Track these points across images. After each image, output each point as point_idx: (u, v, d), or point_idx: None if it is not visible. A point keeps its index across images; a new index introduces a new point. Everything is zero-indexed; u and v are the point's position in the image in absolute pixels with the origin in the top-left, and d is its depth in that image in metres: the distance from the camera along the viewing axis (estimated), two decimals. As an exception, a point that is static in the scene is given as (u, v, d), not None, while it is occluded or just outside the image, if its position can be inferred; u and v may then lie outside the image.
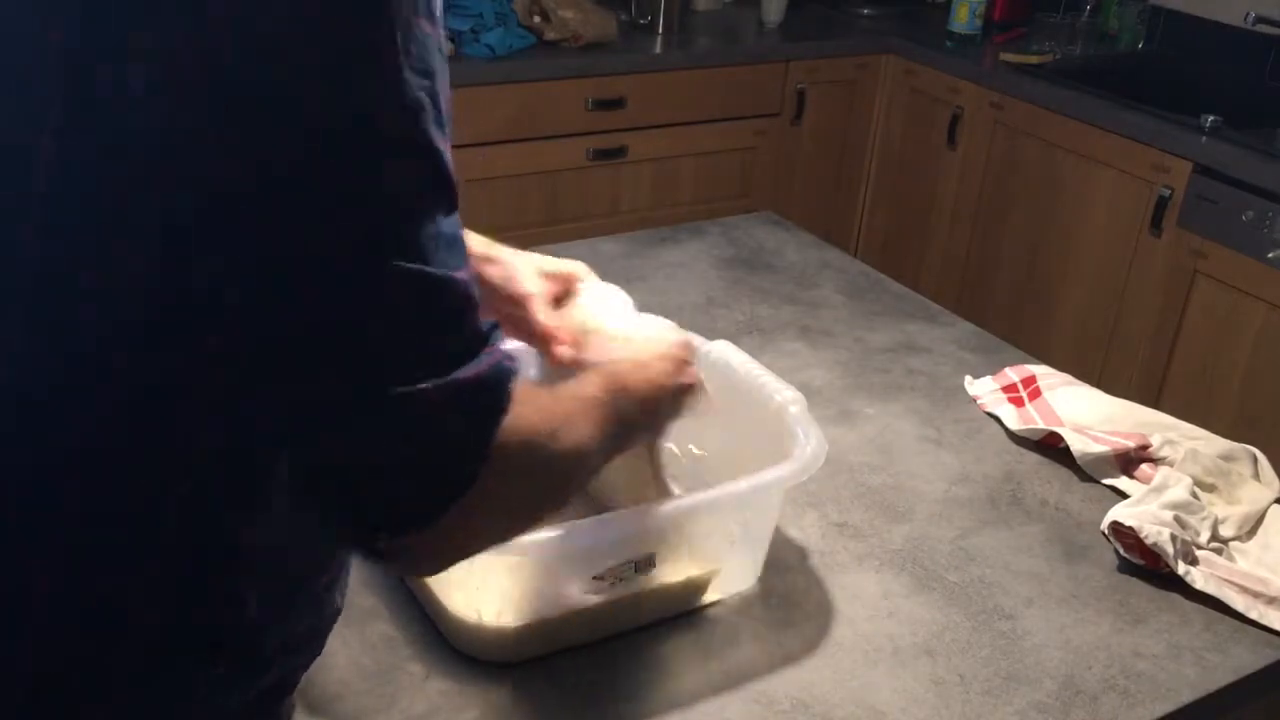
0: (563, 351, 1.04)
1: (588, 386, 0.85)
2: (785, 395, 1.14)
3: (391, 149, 0.60)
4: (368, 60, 0.58)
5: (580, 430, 0.79)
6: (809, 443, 1.07)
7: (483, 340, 0.67)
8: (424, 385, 0.62)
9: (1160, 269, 2.51)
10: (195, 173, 0.57)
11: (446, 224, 0.64)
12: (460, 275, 0.64)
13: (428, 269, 0.62)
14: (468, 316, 0.66)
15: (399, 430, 0.63)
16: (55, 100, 0.57)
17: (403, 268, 0.61)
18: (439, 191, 0.64)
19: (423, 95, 0.61)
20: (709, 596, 1.09)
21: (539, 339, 1.06)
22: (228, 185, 0.58)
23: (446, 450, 0.65)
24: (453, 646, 1.01)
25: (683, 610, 1.07)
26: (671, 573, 1.04)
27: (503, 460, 0.68)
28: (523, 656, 1.00)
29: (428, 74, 0.61)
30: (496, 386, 0.67)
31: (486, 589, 0.98)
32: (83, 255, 0.59)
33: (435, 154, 0.63)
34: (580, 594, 1.00)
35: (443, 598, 1.01)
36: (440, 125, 0.63)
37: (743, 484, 1.03)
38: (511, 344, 0.95)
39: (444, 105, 0.64)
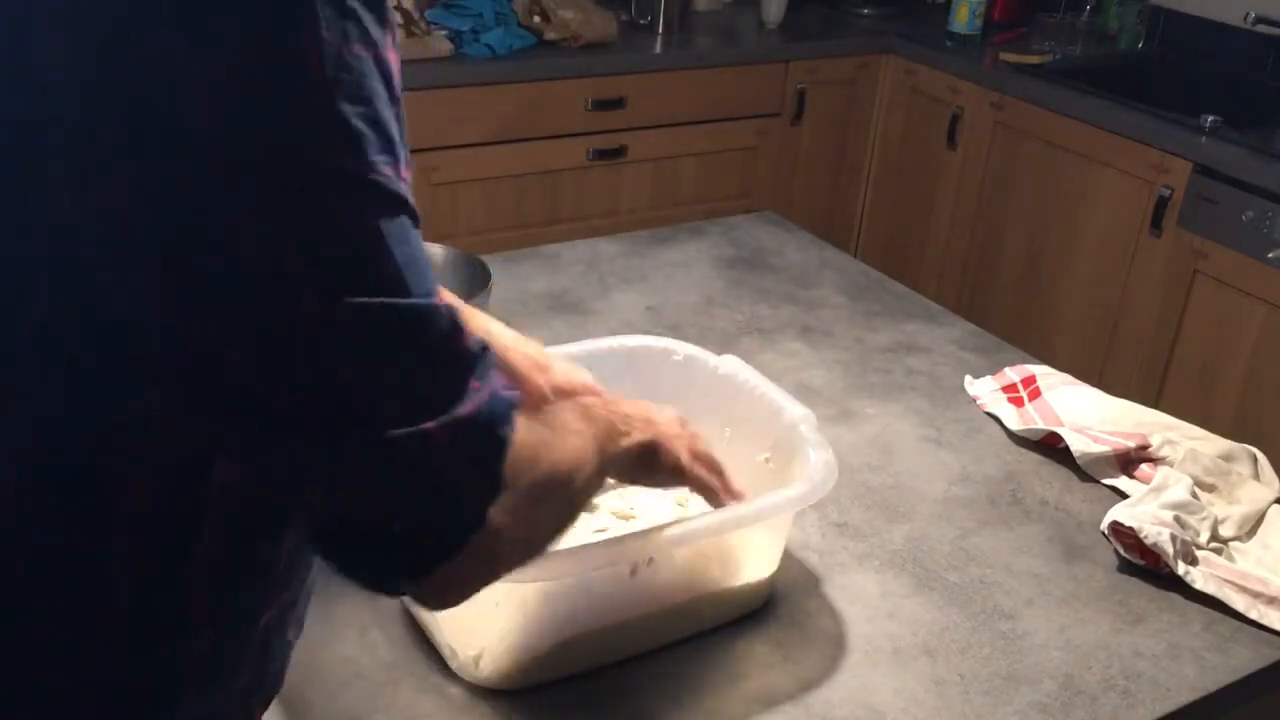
0: None
1: (586, 426, 0.83)
2: (796, 413, 1.12)
3: (332, 184, 0.57)
4: (295, 101, 0.55)
5: (582, 460, 0.77)
6: (819, 464, 1.05)
7: (472, 364, 0.64)
8: (425, 425, 0.60)
9: (1160, 269, 2.51)
10: (115, 218, 0.55)
11: (406, 249, 0.60)
12: (435, 300, 0.61)
13: (396, 301, 0.59)
14: (452, 343, 0.63)
15: (404, 475, 0.61)
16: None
17: (367, 304, 0.58)
18: (392, 217, 0.60)
19: (360, 123, 0.57)
20: (715, 622, 1.07)
21: None
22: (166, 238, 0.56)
23: (457, 488, 0.63)
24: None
25: (686, 635, 1.05)
26: (673, 595, 1.03)
27: (511, 487, 0.66)
28: (521, 685, 0.99)
29: (365, 100, 0.58)
30: (498, 418, 0.65)
31: (467, 629, 0.97)
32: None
33: (381, 181, 0.59)
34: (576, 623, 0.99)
35: (439, 636, 1.00)
36: (387, 151, 0.59)
37: (747, 507, 1.00)
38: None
39: (390, 127, 0.60)
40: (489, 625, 0.96)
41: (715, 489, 0.99)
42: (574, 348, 1.22)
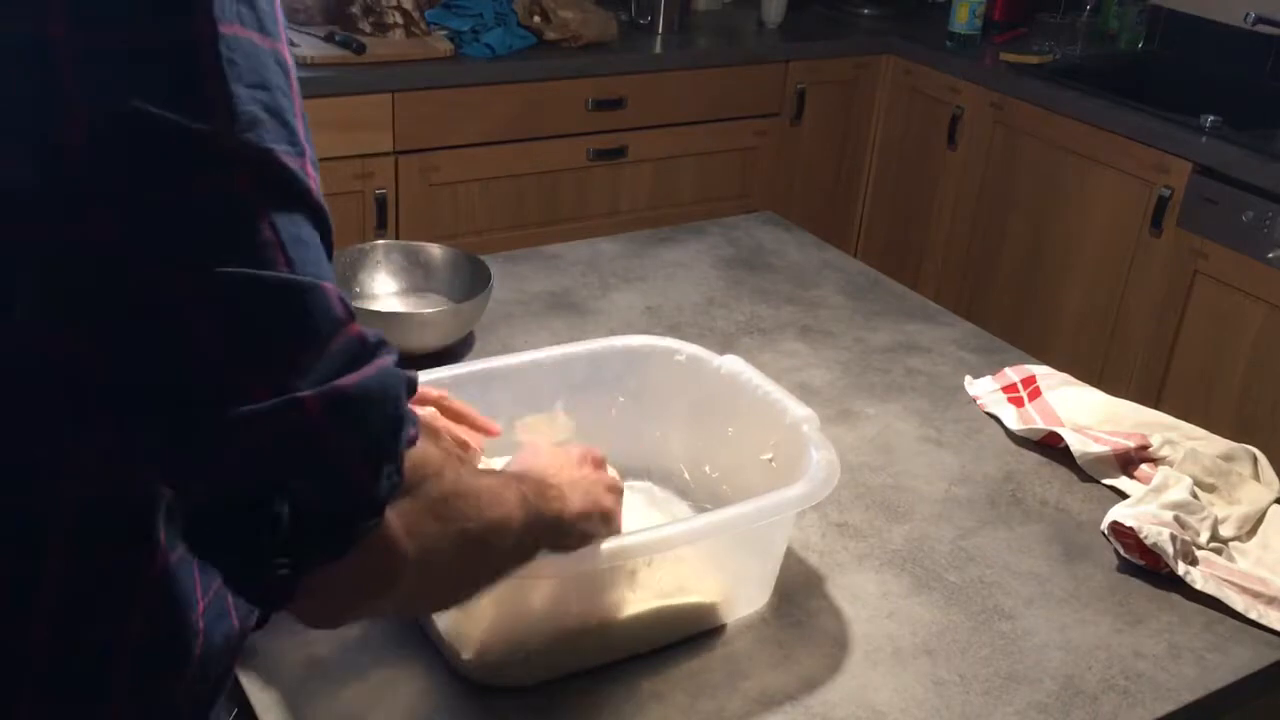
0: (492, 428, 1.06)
1: (508, 477, 0.82)
2: (799, 413, 1.12)
3: (212, 158, 0.57)
4: (184, 75, 0.56)
5: (502, 504, 0.75)
6: (822, 463, 1.05)
7: (367, 348, 0.62)
8: (300, 394, 0.58)
9: (1160, 269, 2.51)
10: None
11: (298, 232, 0.60)
12: (322, 283, 0.60)
13: (268, 274, 0.58)
14: (334, 321, 0.61)
15: (280, 444, 0.58)
16: None
17: (236, 274, 0.57)
18: (279, 198, 0.59)
19: (254, 107, 0.57)
20: (718, 620, 1.07)
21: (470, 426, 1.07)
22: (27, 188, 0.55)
23: (340, 465, 0.60)
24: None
25: (689, 634, 1.05)
26: (673, 596, 1.03)
27: (412, 493, 0.64)
28: (523, 683, 0.99)
29: (261, 87, 0.58)
30: (386, 391, 0.62)
31: (466, 625, 0.97)
32: None
33: (271, 162, 0.58)
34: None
35: (439, 634, 1.00)
36: (289, 141, 0.59)
37: (750, 506, 1.00)
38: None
39: (290, 119, 0.59)
40: (488, 622, 0.96)
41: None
42: (576, 347, 1.22)
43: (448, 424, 1.05)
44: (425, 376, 1.13)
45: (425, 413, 1.03)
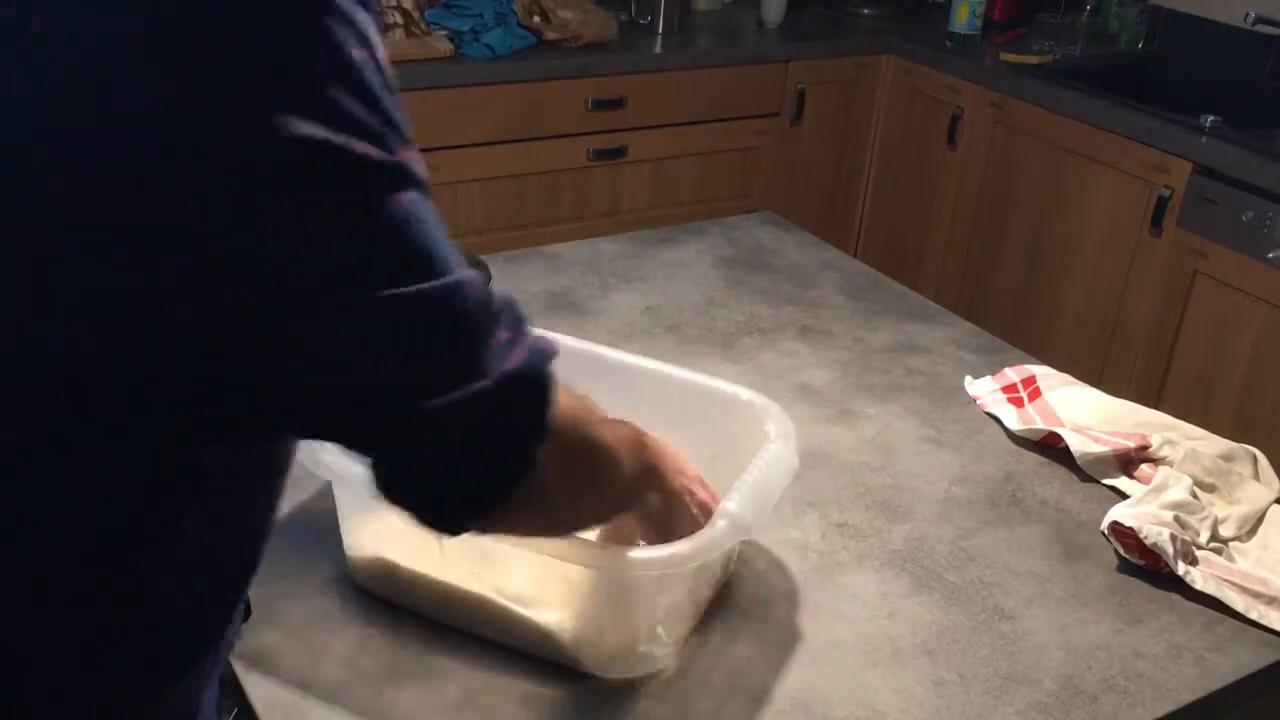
0: None
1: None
2: (727, 507, 0.98)
3: (357, 178, 0.60)
4: (350, 95, 0.59)
5: (610, 433, 0.84)
6: (688, 542, 0.94)
7: (503, 320, 0.69)
8: (480, 384, 0.65)
9: (1160, 269, 2.51)
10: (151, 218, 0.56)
11: (427, 226, 0.64)
12: (460, 275, 0.65)
13: (429, 286, 0.63)
14: (485, 309, 0.67)
15: (472, 428, 0.67)
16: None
17: (403, 294, 0.61)
18: (416, 195, 0.64)
19: (398, 115, 0.62)
20: (573, 660, 1.00)
21: None
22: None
23: (511, 434, 0.70)
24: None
25: (542, 656, 1.00)
26: (519, 603, 1.00)
27: (553, 440, 0.72)
28: (375, 591, 1.05)
29: (371, 100, 0.61)
30: (542, 364, 0.71)
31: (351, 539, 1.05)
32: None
33: (398, 163, 0.62)
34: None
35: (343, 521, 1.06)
36: (399, 137, 0.63)
37: (562, 545, 0.92)
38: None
39: (394, 114, 0.63)
40: (361, 530, 1.04)
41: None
42: (698, 378, 1.16)
43: None
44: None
45: None
